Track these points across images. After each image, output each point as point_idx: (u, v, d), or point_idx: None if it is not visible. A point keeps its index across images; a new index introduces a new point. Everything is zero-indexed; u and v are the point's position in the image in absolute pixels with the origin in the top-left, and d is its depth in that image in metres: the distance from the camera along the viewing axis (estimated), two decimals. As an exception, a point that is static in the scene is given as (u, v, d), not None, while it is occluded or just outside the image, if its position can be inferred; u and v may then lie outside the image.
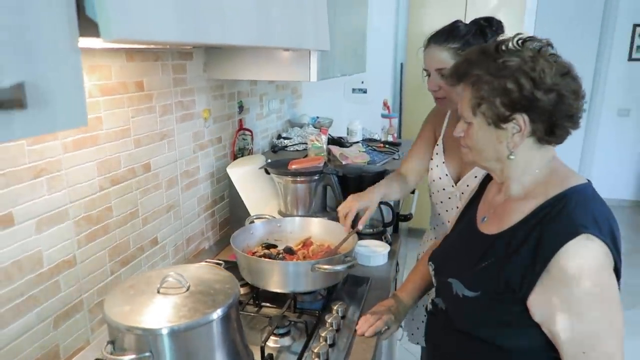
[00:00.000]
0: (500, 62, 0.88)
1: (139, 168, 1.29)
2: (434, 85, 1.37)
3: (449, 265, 1.06)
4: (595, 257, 0.83)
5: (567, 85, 0.87)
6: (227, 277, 0.98)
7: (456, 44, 1.32)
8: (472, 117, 0.94)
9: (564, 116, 0.88)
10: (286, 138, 2.22)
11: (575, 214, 0.85)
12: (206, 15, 0.69)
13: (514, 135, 0.90)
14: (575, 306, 0.83)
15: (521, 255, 0.89)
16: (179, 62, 1.43)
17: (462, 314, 1.00)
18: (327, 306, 1.30)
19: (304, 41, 1.16)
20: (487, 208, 1.06)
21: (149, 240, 1.36)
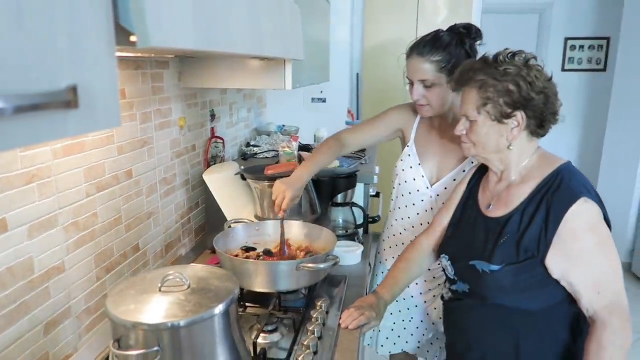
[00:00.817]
0: (502, 70, 1.08)
1: (122, 175, 1.30)
2: (417, 95, 1.44)
3: (467, 251, 1.20)
4: (594, 216, 1.05)
5: (551, 88, 1.09)
6: (225, 275, 1.02)
7: (439, 57, 1.38)
8: (477, 115, 1.11)
9: (551, 113, 1.10)
10: (255, 146, 2.27)
11: (572, 184, 1.07)
12: (215, 26, 0.74)
13: (513, 130, 1.10)
14: (586, 257, 1.04)
15: (535, 225, 1.07)
16: (157, 71, 1.45)
17: (491, 287, 1.14)
18: (311, 303, 1.36)
19: (287, 51, 1.23)
20: (489, 197, 1.21)
21: (131, 247, 1.36)
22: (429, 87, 1.42)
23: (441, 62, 1.38)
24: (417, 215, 1.58)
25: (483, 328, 1.19)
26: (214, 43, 0.74)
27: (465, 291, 1.21)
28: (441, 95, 1.43)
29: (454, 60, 1.39)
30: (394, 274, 1.37)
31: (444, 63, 1.38)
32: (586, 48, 5.08)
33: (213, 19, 0.73)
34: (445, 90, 1.42)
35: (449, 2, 3.61)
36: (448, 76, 1.39)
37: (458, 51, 1.40)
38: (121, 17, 0.57)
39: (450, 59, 1.39)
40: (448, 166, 1.53)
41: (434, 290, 1.63)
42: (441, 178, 1.54)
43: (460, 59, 1.40)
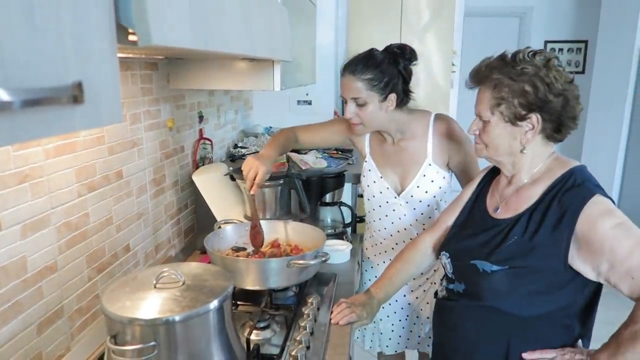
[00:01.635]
0: (519, 69, 1.03)
1: (113, 175, 1.30)
2: (350, 113, 1.43)
3: (469, 250, 1.16)
4: (610, 204, 1.01)
5: (572, 91, 1.05)
6: (218, 272, 1.03)
7: (370, 75, 1.38)
8: (490, 115, 1.08)
9: (569, 117, 1.06)
10: (243, 147, 2.29)
11: (585, 183, 1.04)
12: (210, 26, 0.76)
13: (527, 132, 1.06)
14: (609, 242, 0.97)
15: (545, 228, 1.03)
16: (146, 72, 1.46)
17: (488, 288, 1.10)
18: (302, 300, 1.38)
19: (275, 52, 1.25)
20: (497, 200, 1.19)
21: (122, 247, 1.37)
22: (361, 105, 1.41)
23: (373, 80, 1.38)
24: (392, 224, 1.62)
25: (474, 330, 1.16)
26: (209, 42, 0.76)
27: (459, 291, 1.20)
28: (374, 114, 1.42)
29: (386, 78, 1.39)
30: (390, 272, 1.36)
31: (376, 81, 1.38)
32: (565, 51, 5.22)
33: (208, 18, 0.75)
34: (377, 108, 1.42)
35: (431, 6, 3.67)
36: (380, 94, 1.40)
37: (391, 70, 1.40)
38: (122, 17, 0.59)
39: (382, 77, 1.39)
40: (408, 175, 1.55)
41: (423, 285, 1.67)
42: (405, 187, 1.56)
43: (393, 77, 1.41)
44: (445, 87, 3.73)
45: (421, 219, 1.60)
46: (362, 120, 1.45)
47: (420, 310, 1.69)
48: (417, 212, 1.58)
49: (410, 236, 1.61)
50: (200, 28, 0.72)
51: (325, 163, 2.06)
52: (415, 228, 1.60)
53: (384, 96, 1.41)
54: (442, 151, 1.52)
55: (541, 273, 1.05)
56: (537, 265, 1.05)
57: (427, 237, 1.37)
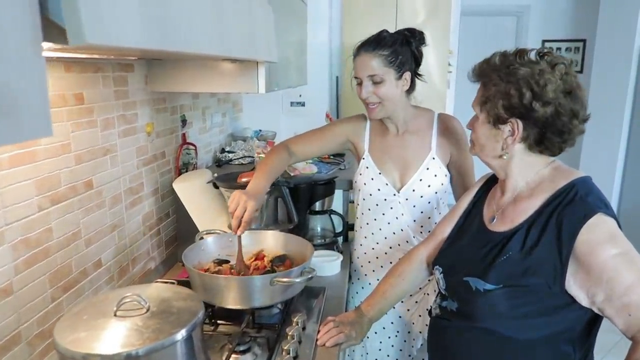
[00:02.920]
0: (510, 69, 0.96)
1: (81, 186, 1.21)
2: (366, 92, 1.40)
3: (463, 265, 1.08)
4: (613, 228, 0.91)
5: (567, 103, 0.95)
6: (189, 295, 0.94)
7: (386, 51, 1.37)
8: (479, 112, 1.04)
9: (555, 131, 0.96)
10: (230, 152, 2.19)
11: (588, 198, 0.94)
12: (170, 23, 0.67)
13: (507, 138, 1.00)
14: (608, 273, 0.88)
15: (543, 245, 0.94)
16: (120, 74, 1.37)
17: (482, 309, 1.02)
18: (287, 319, 1.28)
19: (256, 52, 1.16)
20: (493, 210, 1.11)
21: (92, 263, 1.27)
22: (377, 83, 1.39)
23: (388, 56, 1.38)
24: (388, 224, 1.53)
25: (468, 353, 1.08)
26: (167, 42, 0.66)
27: (452, 310, 1.11)
28: (390, 91, 1.40)
29: (400, 56, 1.39)
30: (383, 288, 1.27)
31: (392, 57, 1.38)
32: (563, 50, 5.14)
33: (166, 15, 0.65)
34: (394, 86, 1.40)
35: (427, 4, 3.59)
36: (396, 71, 1.39)
37: (404, 49, 1.40)
38: (51, 10, 0.49)
39: (397, 54, 1.38)
40: (410, 168, 1.49)
41: (415, 296, 1.58)
42: (406, 182, 1.49)
43: (406, 57, 1.40)
44: (441, 88, 3.64)
45: (420, 219, 1.51)
46: (380, 99, 1.41)
47: (412, 324, 1.59)
48: (416, 211, 1.50)
49: (407, 239, 1.52)
50: (154, 25, 0.62)
51: (315, 169, 1.96)
52: (412, 230, 1.51)
53: (399, 74, 1.40)
54: (445, 148, 1.49)
55: (537, 294, 0.96)
56: (532, 286, 0.96)
57: (423, 249, 1.28)
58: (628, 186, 4.11)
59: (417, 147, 1.50)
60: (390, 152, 1.52)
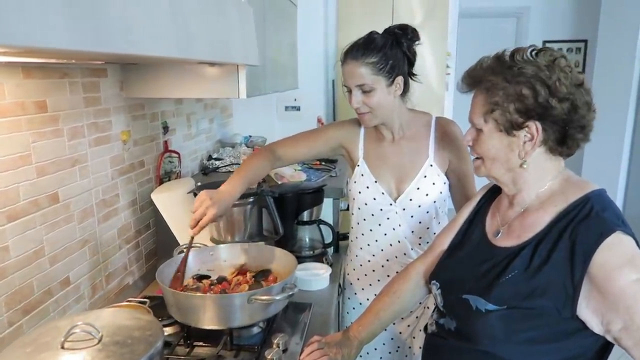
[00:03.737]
0: (516, 69, 0.87)
1: (44, 199, 1.13)
2: (356, 102, 1.32)
3: (462, 282, 1.00)
4: (632, 249, 0.82)
5: (581, 96, 0.88)
6: (148, 322, 0.85)
7: (374, 58, 1.28)
8: (482, 123, 0.93)
9: (577, 127, 0.88)
10: (217, 159, 2.11)
11: (605, 214, 0.85)
12: (107, 23, 0.59)
13: (526, 144, 0.90)
14: (627, 300, 0.79)
15: (553, 264, 0.86)
16: (90, 80, 1.29)
17: (483, 330, 0.93)
18: (267, 339, 1.20)
19: (230, 55, 1.08)
20: (499, 223, 1.01)
21: (58, 282, 1.19)
22: (367, 92, 1.30)
23: (377, 63, 1.28)
24: (384, 236, 1.44)
25: None
26: (103, 43, 0.58)
27: (450, 329, 1.02)
28: (382, 100, 1.32)
29: (391, 61, 1.29)
30: (376, 307, 1.16)
31: (381, 64, 1.28)
32: (564, 51, 5.03)
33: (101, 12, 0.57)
34: (385, 94, 1.31)
35: (424, 6, 3.51)
36: (387, 78, 1.30)
37: (394, 52, 1.31)
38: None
39: (386, 60, 1.29)
40: (407, 176, 1.40)
41: (416, 312, 1.49)
42: (402, 190, 1.40)
43: (397, 60, 1.31)
44: (439, 91, 3.56)
45: (418, 230, 1.42)
46: (371, 108, 1.32)
47: (412, 338, 1.50)
48: (414, 222, 1.41)
49: (404, 251, 1.43)
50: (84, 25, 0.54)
51: (304, 176, 1.88)
52: (410, 242, 1.42)
53: (390, 80, 1.31)
54: (443, 154, 1.39)
55: (545, 318, 0.86)
56: (539, 309, 0.86)
57: (420, 264, 1.18)
58: (632, 190, 4.01)
59: (414, 153, 1.41)
60: (386, 159, 1.43)
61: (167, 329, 1.26)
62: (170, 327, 1.26)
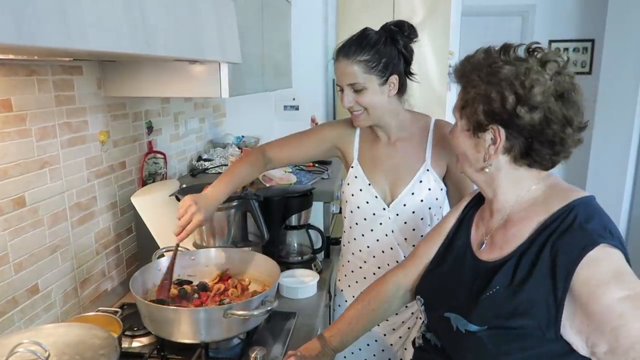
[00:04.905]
0: (493, 67, 0.81)
1: (8, 204, 1.06)
2: (348, 101, 1.26)
3: (444, 298, 0.93)
4: (619, 263, 0.74)
5: (558, 108, 0.79)
6: (104, 340, 0.79)
7: (366, 56, 1.21)
8: (458, 118, 0.90)
9: (544, 141, 0.81)
10: (207, 160, 2.05)
11: (589, 225, 0.77)
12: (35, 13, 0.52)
13: (490, 147, 0.85)
14: (612, 320, 0.71)
15: (535, 281, 0.78)
16: (62, 77, 1.23)
17: (465, 352, 0.86)
18: (246, 352, 1.13)
19: (203, 52, 1.01)
20: (482, 234, 0.95)
21: (25, 290, 1.13)
22: (359, 91, 1.24)
23: (369, 61, 1.22)
24: (377, 242, 1.36)
25: None
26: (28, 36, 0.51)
27: (437, 344, 0.95)
28: (374, 99, 1.25)
29: (384, 59, 1.23)
30: (349, 315, 1.09)
31: (373, 63, 1.22)
32: (570, 50, 4.94)
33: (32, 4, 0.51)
34: (378, 93, 1.25)
35: (425, 4, 3.43)
36: (379, 77, 1.23)
37: (388, 50, 1.24)
38: None
39: (379, 58, 1.22)
40: (402, 180, 1.32)
41: (407, 322, 1.41)
42: (397, 195, 1.33)
43: (391, 58, 1.24)
44: (441, 90, 3.47)
45: (411, 237, 1.35)
46: (364, 107, 1.27)
47: (404, 350, 1.42)
48: (408, 228, 1.34)
49: (397, 258, 1.35)
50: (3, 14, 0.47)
51: (294, 178, 1.81)
52: (403, 249, 1.35)
53: (383, 79, 1.25)
54: (441, 159, 1.32)
55: (529, 339, 0.79)
56: (523, 329, 0.78)
57: (400, 272, 1.10)
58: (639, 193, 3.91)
59: (411, 156, 1.34)
60: (381, 161, 1.36)
61: (141, 340, 1.21)
62: (145, 337, 1.21)
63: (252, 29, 1.66)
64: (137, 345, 1.18)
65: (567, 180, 0.89)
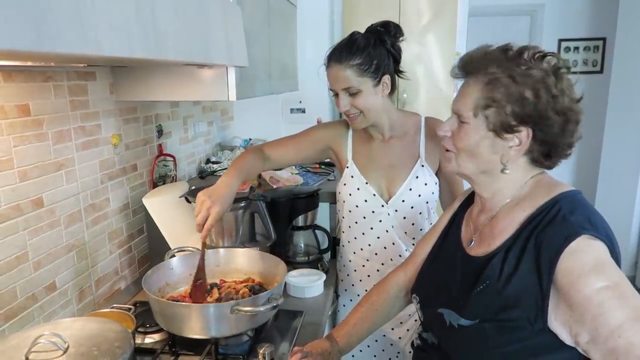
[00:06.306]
0: (524, 69, 0.81)
1: (27, 204, 1.11)
2: (344, 105, 1.29)
3: (438, 295, 0.95)
4: (600, 254, 0.75)
5: (576, 112, 0.83)
6: (118, 333, 0.83)
7: (358, 60, 1.25)
8: (471, 117, 0.85)
9: (566, 143, 0.84)
10: (215, 162, 2.09)
11: (572, 217, 0.79)
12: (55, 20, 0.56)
13: (512, 149, 0.84)
14: (592, 309, 0.72)
15: (522, 273, 0.80)
16: (77, 83, 1.27)
17: (459, 346, 0.89)
18: (254, 349, 1.16)
19: (210, 56, 1.04)
20: (472, 230, 0.96)
21: (43, 287, 1.17)
22: (354, 94, 1.27)
23: (361, 64, 1.25)
24: (378, 239, 1.39)
25: None
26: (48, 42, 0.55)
27: (434, 342, 0.97)
28: (370, 100, 1.28)
29: (375, 61, 1.26)
30: (354, 318, 1.12)
31: (365, 65, 1.25)
32: (581, 49, 4.91)
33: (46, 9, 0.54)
34: (373, 94, 1.28)
35: (432, 5, 3.44)
36: (372, 79, 1.27)
37: (378, 51, 1.27)
38: None
39: (370, 60, 1.25)
40: (398, 177, 1.36)
41: (406, 324, 1.44)
42: (394, 192, 1.36)
43: (381, 59, 1.28)
44: (447, 92, 3.48)
45: (411, 231, 1.38)
46: (360, 109, 1.29)
47: (408, 352, 1.44)
48: (407, 223, 1.37)
49: (399, 252, 1.39)
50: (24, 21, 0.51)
51: (300, 180, 1.84)
52: (404, 243, 1.39)
53: (377, 80, 1.28)
54: (434, 154, 1.36)
55: (519, 331, 0.80)
56: (513, 321, 0.80)
57: (401, 273, 1.13)
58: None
59: (405, 153, 1.38)
60: (377, 160, 1.39)
61: (153, 336, 1.24)
62: (157, 334, 1.24)
63: (259, 32, 1.70)
64: (150, 341, 1.22)
65: (578, 179, 0.91)
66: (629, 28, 3.95)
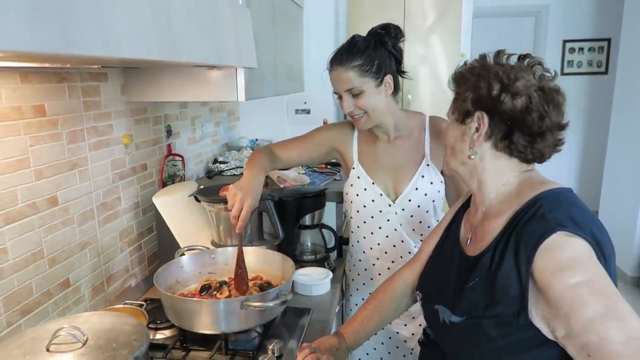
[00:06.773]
0: (485, 66, 0.89)
1: (42, 202, 1.14)
2: (348, 106, 1.31)
3: (437, 292, 0.98)
4: (577, 250, 0.76)
5: (538, 99, 0.85)
6: (134, 327, 0.85)
7: (359, 61, 1.27)
8: (450, 114, 0.96)
9: (524, 127, 0.85)
10: (223, 162, 2.11)
11: (550, 214, 0.80)
12: (78, 23, 0.58)
13: (474, 134, 0.90)
14: (565, 305, 0.74)
15: (505, 270, 0.82)
16: (90, 84, 1.30)
17: (452, 343, 0.92)
18: (263, 345, 1.19)
19: (222, 58, 1.07)
20: (469, 229, 1.00)
21: (58, 283, 1.20)
22: (357, 95, 1.30)
23: (362, 65, 1.28)
24: (386, 237, 1.42)
25: None
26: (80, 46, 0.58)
27: (434, 339, 1.00)
28: (373, 100, 1.31)
29: (376, 61, 1.29)
30: (362, 315, 1.15)
31: (367, 66, 1.28)
32: (586, 50, 4.92)
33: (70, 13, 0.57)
34: (375, 94, 1.31)
35: (436, 6, 3.46)
36: (375, 79, 1.29)
37: (379, 52, 1.30)
38: None
39: (371, 61, 1.28)
40: (404, 177, 1.39)
41: (418, 319, 1.46)
42: (400, 191, 1.39)
43: (383, 60, 1.30)
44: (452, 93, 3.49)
45: (419, 228, 1.41)
46: (364, 109, 1.32)
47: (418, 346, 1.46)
48: (414, 221, 1.40)
49: (409, 249, 1.41)
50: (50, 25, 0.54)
51: (307, 179, 1.86)
52: (413, 240, 1.41)
53: (379, 80, 1.31)
54: (439, 153, 1.37)
55: (505, 327, 0.82)
56: (501, 317, 0.82)
57: (407, 271, 1.16)
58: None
59: (411, 153, 1.40)
60: (382, 160, 1.42)
61: (164, 332, 1.26)
62: (168, 330, 1.27)
63: (265, 34, 1.72)
64: (161, 337, 1.24)
65: (582, 179, 0.93)
66: (634, 29, 3.96)
